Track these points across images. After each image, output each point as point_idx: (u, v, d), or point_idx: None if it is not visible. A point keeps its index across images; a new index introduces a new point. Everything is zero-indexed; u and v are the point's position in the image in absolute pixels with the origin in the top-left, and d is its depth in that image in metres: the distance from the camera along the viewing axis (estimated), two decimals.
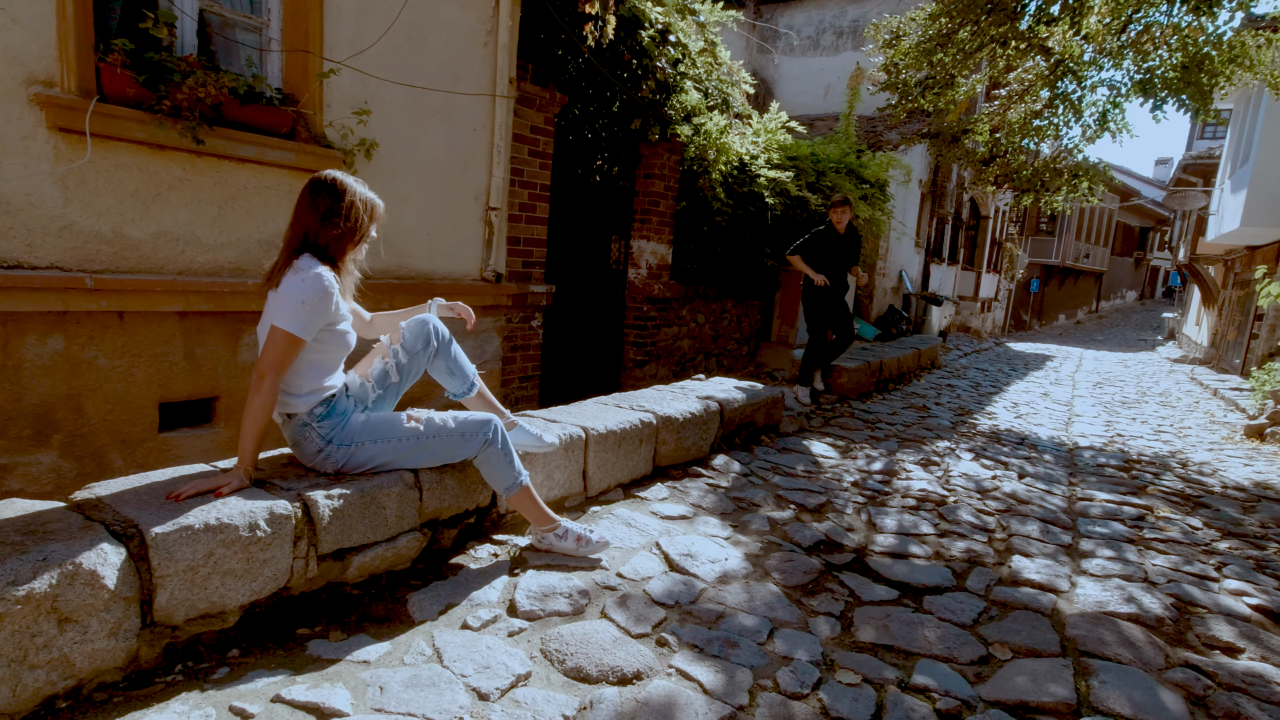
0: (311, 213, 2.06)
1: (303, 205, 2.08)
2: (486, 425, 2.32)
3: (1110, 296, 33.28)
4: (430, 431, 2.23)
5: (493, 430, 2.33)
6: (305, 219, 2.07)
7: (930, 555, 2.99)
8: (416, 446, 2.23)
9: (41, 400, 2.83)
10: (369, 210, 2.15)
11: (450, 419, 2.28)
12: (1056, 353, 15.67)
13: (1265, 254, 11.63)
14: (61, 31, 2.71)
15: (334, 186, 2.08)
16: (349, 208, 2.08)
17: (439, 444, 2.26)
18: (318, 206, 2.06)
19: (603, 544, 2.57)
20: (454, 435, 2.27)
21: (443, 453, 2.29)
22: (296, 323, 1.97)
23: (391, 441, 2.20)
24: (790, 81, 13.88)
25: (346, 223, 2.08)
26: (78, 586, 1.52)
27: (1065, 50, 7.13)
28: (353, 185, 2.11)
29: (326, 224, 2.06)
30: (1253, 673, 2.21)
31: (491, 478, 2.39)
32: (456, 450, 2.30)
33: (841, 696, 1.90)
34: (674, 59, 6.00)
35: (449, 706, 1.69)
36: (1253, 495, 4.55)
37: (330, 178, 2.09)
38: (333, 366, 2.18)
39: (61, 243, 2.83)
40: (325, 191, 2.07)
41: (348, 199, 2.08)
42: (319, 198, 2.06)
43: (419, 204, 4.20)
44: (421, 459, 2.27)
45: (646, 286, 6.45)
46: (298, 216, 2.08)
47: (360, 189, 2.13)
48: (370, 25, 3.74)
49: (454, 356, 2.53)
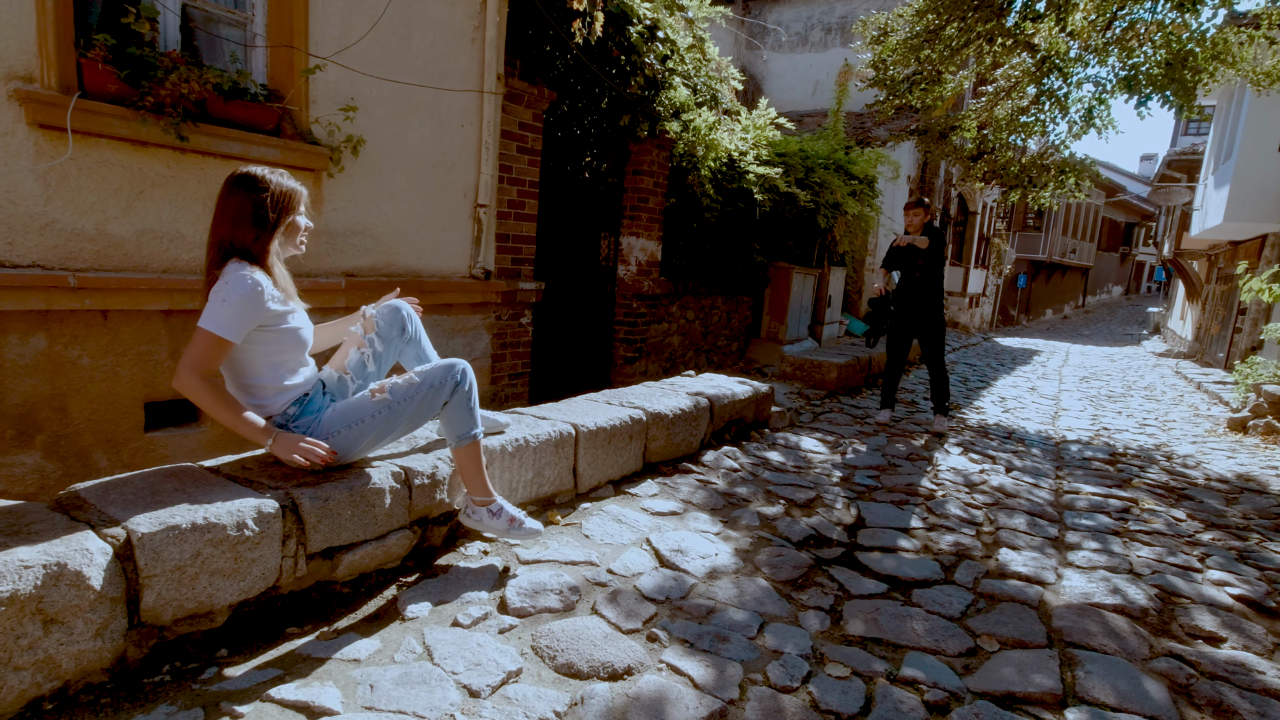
0: (226, 217, 2.00)
1: (219, 209, 2.01)
2: (452, 369, 2.26)
3: (1097, 291, 33.58)
4: (399, 396, 2.19)
5: (460, 372, 2.26)
6: (222, 226, 2.00)
7: (919, 549, 3.01)
8: (391, 416, 2.19)
9: (24, 400, 2.80)
10: (286, 200, 2.07)
11: (414, 376, 2.23)
12: (1044, 347, 15.81)
13: (1248, 249, 11.77)
14: (41, 26, 2.67)
15: (250, 180, 2.01)
16: (262, 204, 2.01)
17: (411, 405, 2.21)
18: (231, 208, 2.00)
19: (534, 532, 2.45)
20: (423, 390, 2.22)
21: (419, 412, 2.23)
22: (217, 322, 1.92)
23: (365, 420, 2.17)
24: (779, 78, 13.89)
25: (265, 220, 2.01)
26: (63, 587, 1.51)
27: (1051, 47, 7.18)
28: (270, 177, 2.04)
29: (241, 227, 1.99)
30: (1235, 661, 2.24)
31: (450, 424, 2.30)
32: (432, 403, 2.24)
33: (831, 689, 1.91)
34: (662, 55, 5.99)
35: (440, 704, 1.69)
36: (1235, 487, 4.62)
37: (245, 173, 2.02)
38: (295, 365, 2.15)
39: (43, 241, 2.80)
40: (241, 189, 2.00)
41: (263, 195, 2.01)
42: (233, 198, 2.00)
43: (407, 201, 4.18)
44: (400, 425, 2.22)
45: (636, 283, 6.45)
46: (215, 222, 2.01)
47: (277, 179, 2.05)
48: (356, 21, 3.72)
49: (424, 344, 2.53)
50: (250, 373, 2.08)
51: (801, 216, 8.71)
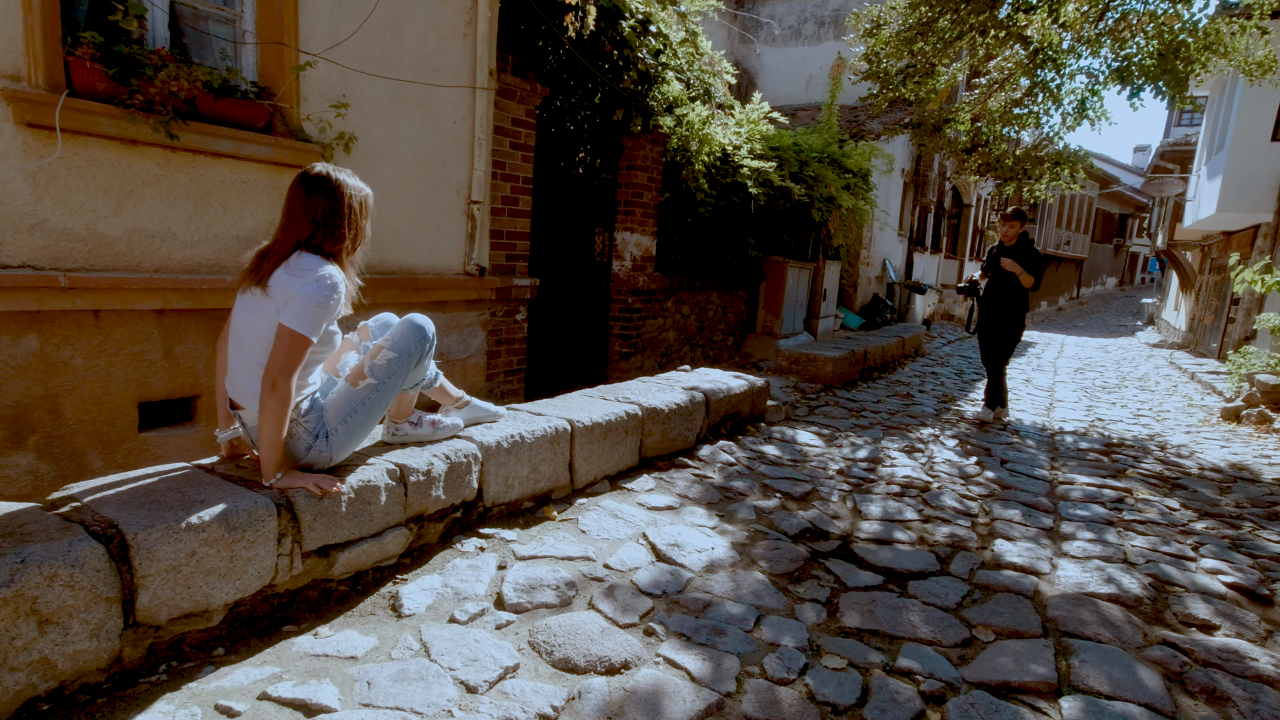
0: (308, 215, 2.00)
1: (297, 206, 2.01)
2: (422, 333, 2.34)
3: (1091, 283, 33.67)
4: (381, 375, 2.24)
5: (430, 335, 2.37)
6: (301, 222, 2.01)
7: (915, 541, 3.02)
8: (380, 395, 2.24)
9: (17, 401, 2.78)
10: (364, 207, 2.12)
11: (389, 351, 2.27)
12: (1038, 339, 15.85)
13: (1240, 239, 11.81)
14: (28, 24, 2.65)
15: (328, 183, 2.03)
16: (348, 210, 2.04)
17: (396, 379, 2.28)
18: (314, 208, 2.00)
19: (455, 426, 2.64)
20: (402, 362, 2.28)
21: (402, 382, 2.32)
22: (307, 324, 1.95)
23: (358, 409, 2.19)
24: (772, 71, 13.87)
25: (348, 225, 2.05)
26: (57, 588, 1.51)
27: (1044, 38, 7.19)
28: (346, 181, 2.07)
29: (326, 227, 2.01)
30: (1228, 649, 2.26)
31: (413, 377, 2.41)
32: (415, 372, 2.37)
33: (828, 681, 1.92)
34: (655, 49, 5.97)
35: (437, 700, 1.69)
36: (1229, 476, 4.64)
37: (323, 173, 2.04)
38: (316, 364, 2.19)
39: (34, 241, 2.78)
40: (321, 191, 2.01)
41: (345, 199, 2.04)
42: (314, 199, 2.01)
43: (400, 198, 4.16)
44: (389, 399, 2.29)
45: (631, 279, 6.44)
46: (291, 217, 2.02)
47: (352, 182, 2.09)
48: (346, 17, 3.70)
49: None
50: None
51: (796, 210, 8.71)
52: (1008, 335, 5.72)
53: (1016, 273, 5.46)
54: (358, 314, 2.38)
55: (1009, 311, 5.64)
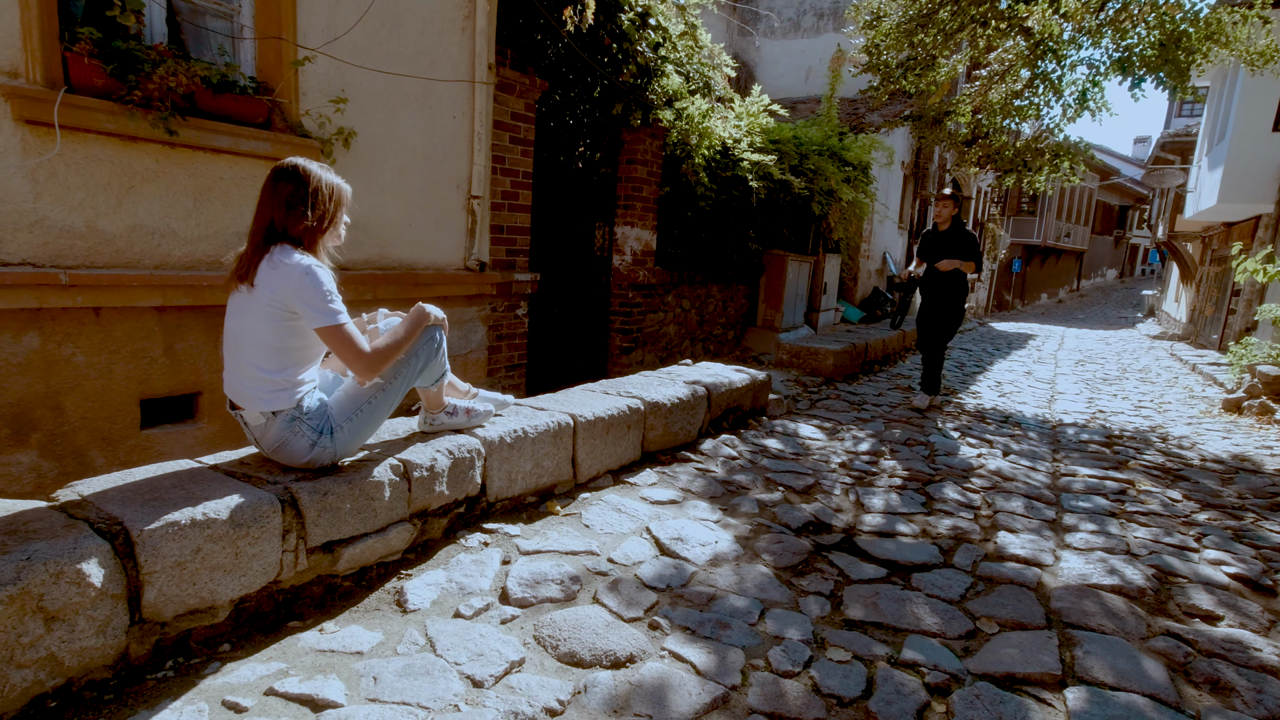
0: (276, 201, 2.01)
1: (266, 194, 2.03)
2: (432, 334, 2.36)
3: (1091, 275, 33.65)
4: (389, 376, 2.25)
5: (440, 333, 2.39)
6: (270, 208, 2.02)
7: (918, 533, 3.02)
8: (388, 396, 2.25)
9: (18, 399, 2.78)
10: (336, 196, 2.11)
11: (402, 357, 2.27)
12: (1039, 331, 15.84)
13: (1241, 230, 11.79)
14: (25, 20, 2.64)
15: (297, 172, 2.03)
16: (314, 194, 2.04)
17: (404, 381, 2.30)
18: (281, 194, 2.01)
19: (488, 412, 2.69)
20: (411, 363, 2.31)
21: (410, 381, 2.34)
22: (327, 310, 1.99)
23: (367, 407, 2.20)
24: (771, 64, 13.82)
25: (315, 210, 2.04)
26: (63, 585, 1.51)
27: (1045, 29, 7.15)
28: (317, 171, 2.07)
29: (293, 212, 2.02)
30: (1231, 639, 2.26)
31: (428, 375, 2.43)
32: (427, 372, 2.40)
33: (832, 673, 1.93)
34: (654, 42, 5.95)
35: (443, 694, 1.69)
36: (1230, 467, 4.64)
37: (292, 164, 2.04)
38: (314, 359, 2.17)
39: (33, 238, 2.77)
40: (285, 178, 2.02)
41: (313, 185, 2.04)
42: (280, 185, 2.02)
43: (399, 193, 4.15)
44: (397, 399, 2.30)
45: (631, 273, 6.43)
46: (262, 206, 2.04)
47: (324, 173, 2.09)
48: (344, 11, 3.68)
49: None
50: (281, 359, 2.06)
51: (796, 204, 8.69)
52: (949, 320, 5.66)
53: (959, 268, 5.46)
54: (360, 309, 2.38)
55: (951, 297, 5.61)
